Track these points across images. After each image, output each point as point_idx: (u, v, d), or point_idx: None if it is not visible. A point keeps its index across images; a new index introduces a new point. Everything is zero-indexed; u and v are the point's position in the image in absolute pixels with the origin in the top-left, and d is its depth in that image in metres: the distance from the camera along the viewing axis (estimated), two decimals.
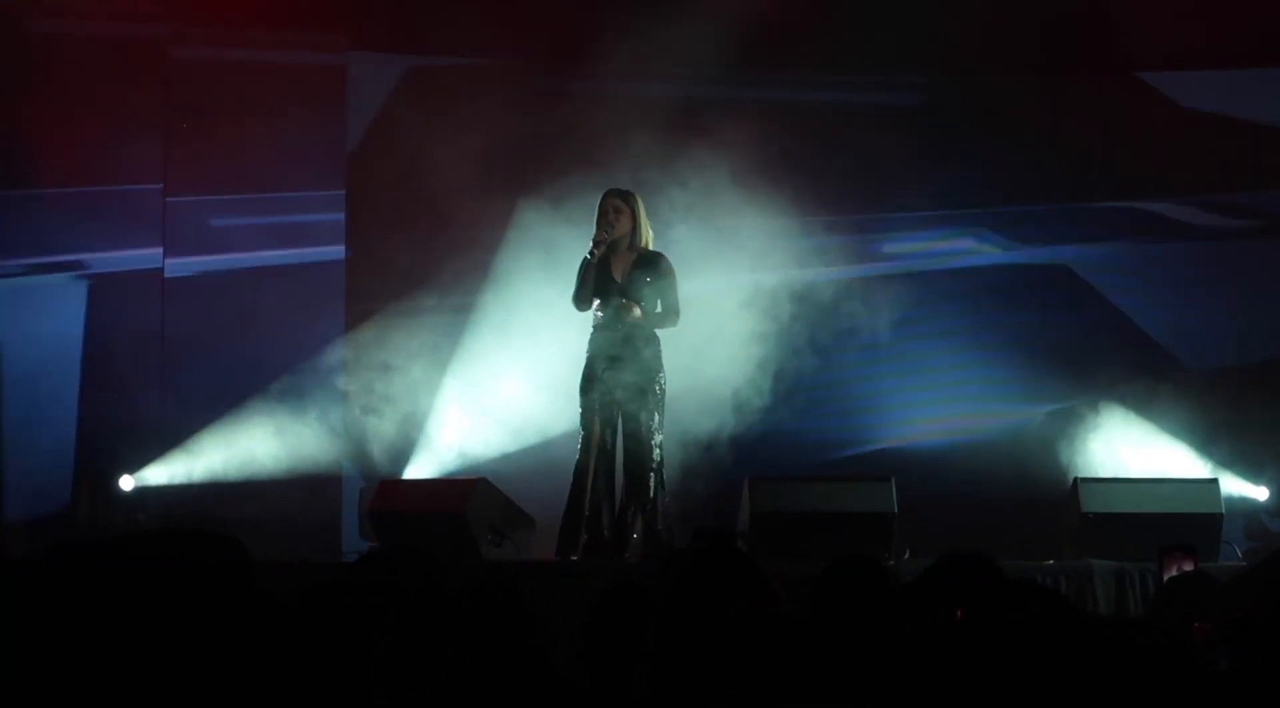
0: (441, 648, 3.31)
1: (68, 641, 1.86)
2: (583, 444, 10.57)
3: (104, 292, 13.48)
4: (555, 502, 11.00)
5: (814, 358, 12.78)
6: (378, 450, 13.08)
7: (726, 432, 12.36)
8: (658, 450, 10.55)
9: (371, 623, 3.13)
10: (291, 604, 2.42)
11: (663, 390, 10.58)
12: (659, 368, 10.55)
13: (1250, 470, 12.46)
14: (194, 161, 13.58)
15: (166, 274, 13.57)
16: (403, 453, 13.03)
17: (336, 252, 13.70)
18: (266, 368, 13.53)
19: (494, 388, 12.75)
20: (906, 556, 10.48)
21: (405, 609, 3.21)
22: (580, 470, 10.56)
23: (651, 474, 10.51)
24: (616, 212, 10.47)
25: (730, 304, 12.28)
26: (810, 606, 4.54)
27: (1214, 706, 2.22)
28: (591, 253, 10.39)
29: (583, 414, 10.58)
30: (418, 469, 12.89)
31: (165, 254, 13.62)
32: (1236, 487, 12.22)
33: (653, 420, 10.52)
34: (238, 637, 1.91)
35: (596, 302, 10.51)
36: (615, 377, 10.48)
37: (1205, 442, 12.59)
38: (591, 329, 10.60)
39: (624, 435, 10.56)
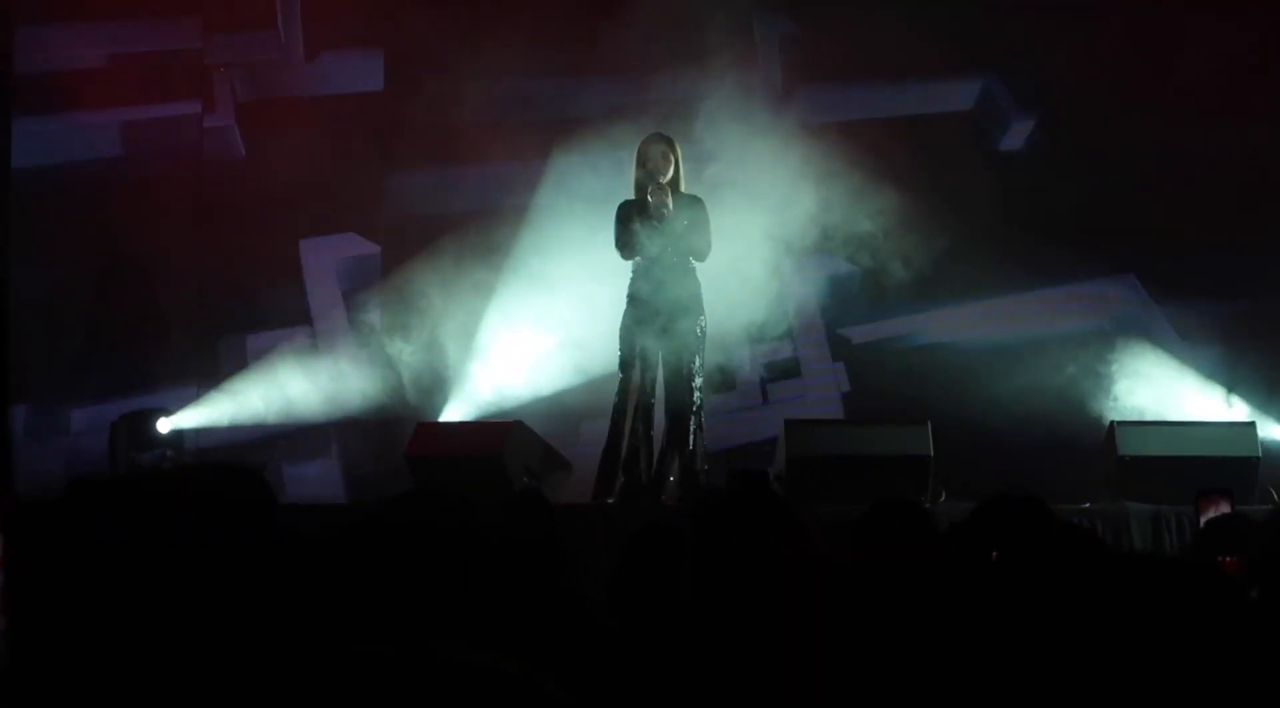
0: (471, 588, 3.30)
1: (85, 577, 1.86)
2: (621, 386, 10.58)
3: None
4: (592, 445, 11.01)
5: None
6: (414, 393, 13.09)
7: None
8: (698, 393, 10.55)
9: (397, 562, 3.12)
10: (317, 543, 2.42)
11: (704, 333, 10.59)
12: (700, 310, 10.55)
13: None
14: None
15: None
16: (440, 395, 13.04)
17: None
18: (303, 308, 13.58)
19: (532, 329, 12.74)
20: (943, 498, 10.47)
21: (433, 549, 3.20)
22: (619, 412, 10.56)
23: (692, 417, 10.52)
24: (664, 157, 10.47)
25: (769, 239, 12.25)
26: (851, 547, 4.53)
27: (1246, 635, 2.20)
28: (657, 198, 10.36)
29: (622, 356, 10.58)
30: (455, 411, 12.90)
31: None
32: (1274, 430, 12.16)
33: (694, 362, 10.53)
34: (259, 573, 1.90)
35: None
36: (657, 319, 10.47)
37: (1243, 384, 12.52)
38: (632, 272, 10.59)
39: (665, 378, 10.57)
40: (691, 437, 10.49)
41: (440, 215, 13.26)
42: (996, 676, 2.62)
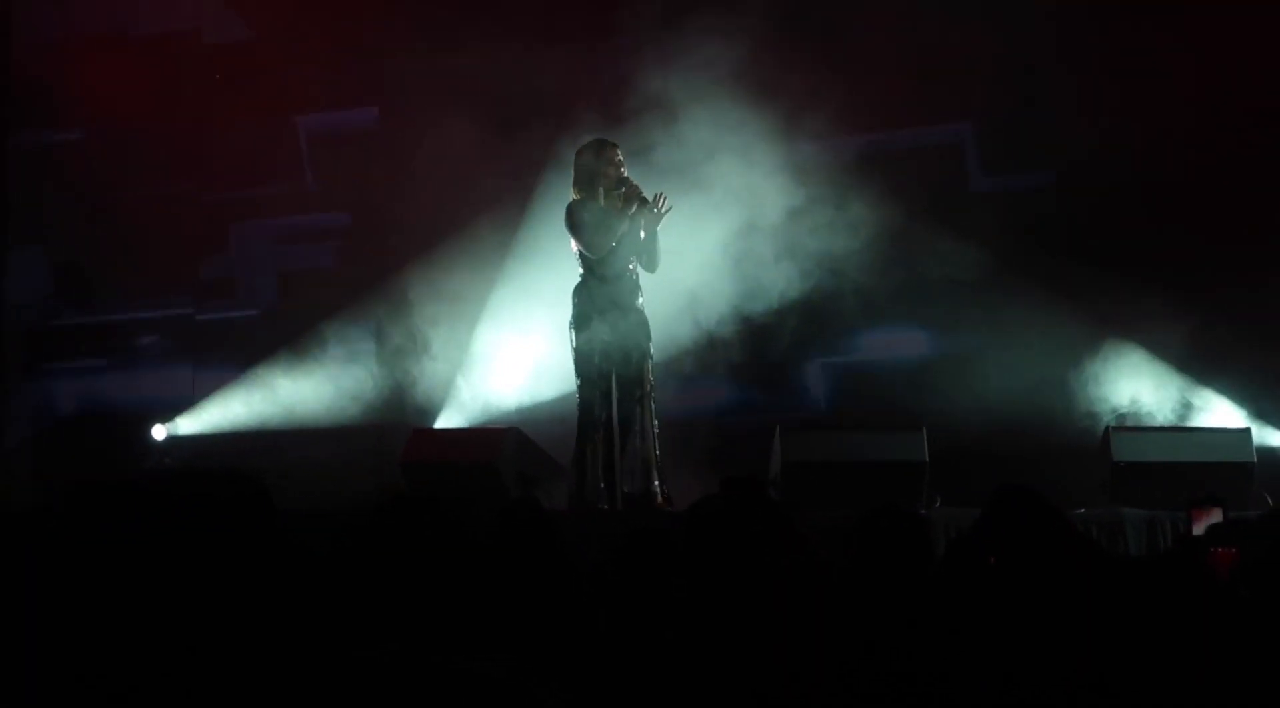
0: (465, 594, 3.30)
1: (81, 582, 1.86)
2: (585, 394, 10.58)
3: None
4: None
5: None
6: (411, 399, 13.10)
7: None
8: (651, 387, 10.59)
9: (392, 568, 3.13)
10: (312, 548, 2.42)
11: (650, 337, 10.65)
12: (647, 321, 10.63)
13: None
14: None
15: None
16: (437, 402, 13.05)
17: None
18: (299, 317, 13.59)
19: (527, 336, 12.74)
20: (938, 504, 10.47)
21: (428, 555, 3.20)
22: (586, 414, 10.58)
23: (641, 412, 10.55)
24: (621, 163, 10.54)
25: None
26: (846, 554, 4.53)
27: (1232, 632, 2.21)
28: (648, 200, 10.43)
29: (581, 362, 10.58)
30: (450, 418, 12.91)
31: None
32: (1270, 436, 12.17)
33: (648, 358, 10.58)
34: (256, 579, 1.91)
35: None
36: (614, 324, 10.51)
37: (1239, 389, 12.53)
38: (584, 276, 10.58)
39: (624, 374, 10.58)
40: (643, 442, 10.52)
41: (440, 220, 13.30)
42: (990, 679, 2.63)
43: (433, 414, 12.96)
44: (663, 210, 10.46)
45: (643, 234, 10.50)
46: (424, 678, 1.67)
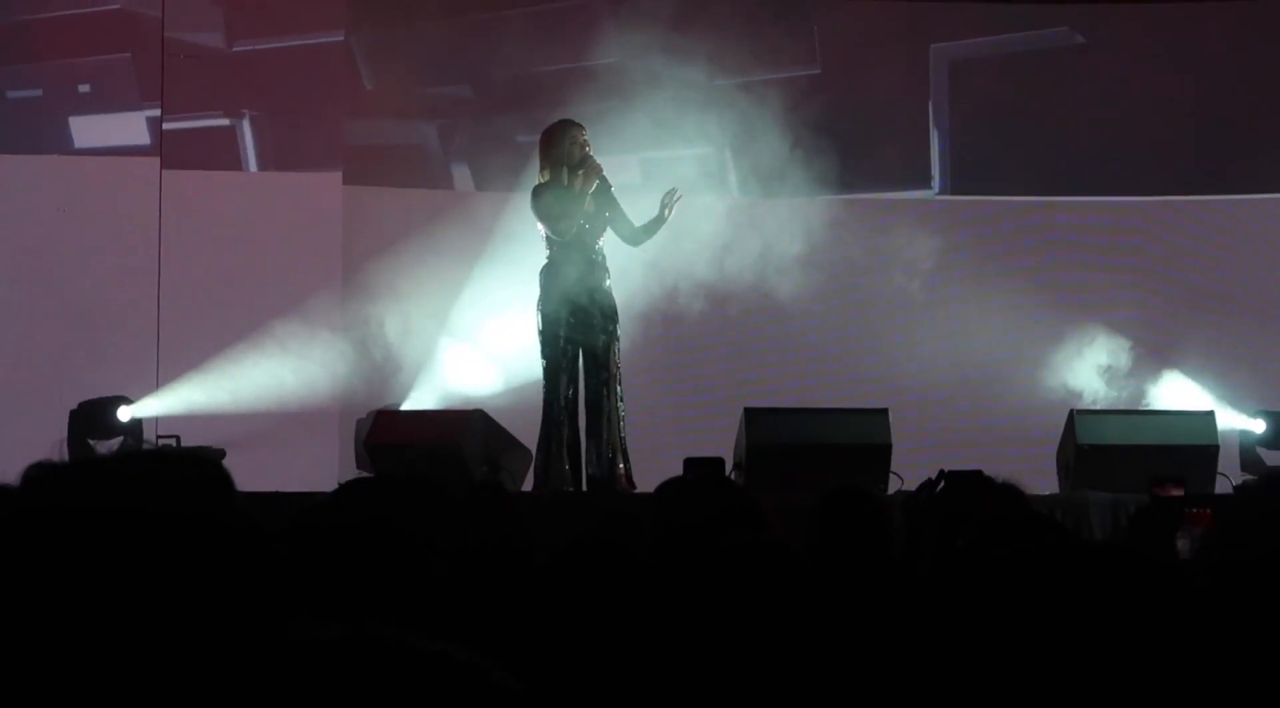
0: (428, 577, 3.30)
1: (36, 564, 1.85)
2: (550, 376, 10.59)
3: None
4: None
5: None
6: (376, 381, 13.10)
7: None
8: (617, 367, 10.61)
9: (353, 552, 3.13)
10: (273, 529, 2.41)
11: (616, 313, 10.67)
12: (613, 299, 10.64)
13: (1247, 401, 12.49)
14: None
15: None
16: (403, 384, 13.04)
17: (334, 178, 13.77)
18: (265, 298, 13.56)
19: (495, 319, 12.75)
20: (903, 486, 10.50)
21: (388, 535, 3.20)
22: (551, 396, 10.59)
23: (607, 400, 10.57)
24: (586, 143, 10.56)
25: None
26: (806, 536, 4.55)
27: (1194, 624, 2.22)
28: (608, 179, 10.49)
29: (546, 344, 10.59)
30: (416, 401, 12.90)
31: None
32: (1233, 419, 12.24)
33: (615, 340, 10.60)
34: (214, 557, 1.90)
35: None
36: (580, 305, 10.53)
37: (1205, 372, 12.60)
38: (550, 257, 10.58)
39: (590, 356, 10.60)
40: (608, 424, 10.53)
41: (410, 196, 13.30)
42: (951, 664, 2.62)
43: (399, 396, 12.95)
44: (671, 212, 10.48)
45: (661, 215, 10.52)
46: (379, 658, 1.67)
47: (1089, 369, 12.75)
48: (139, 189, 13.59)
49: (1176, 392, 12.61)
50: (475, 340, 12.95)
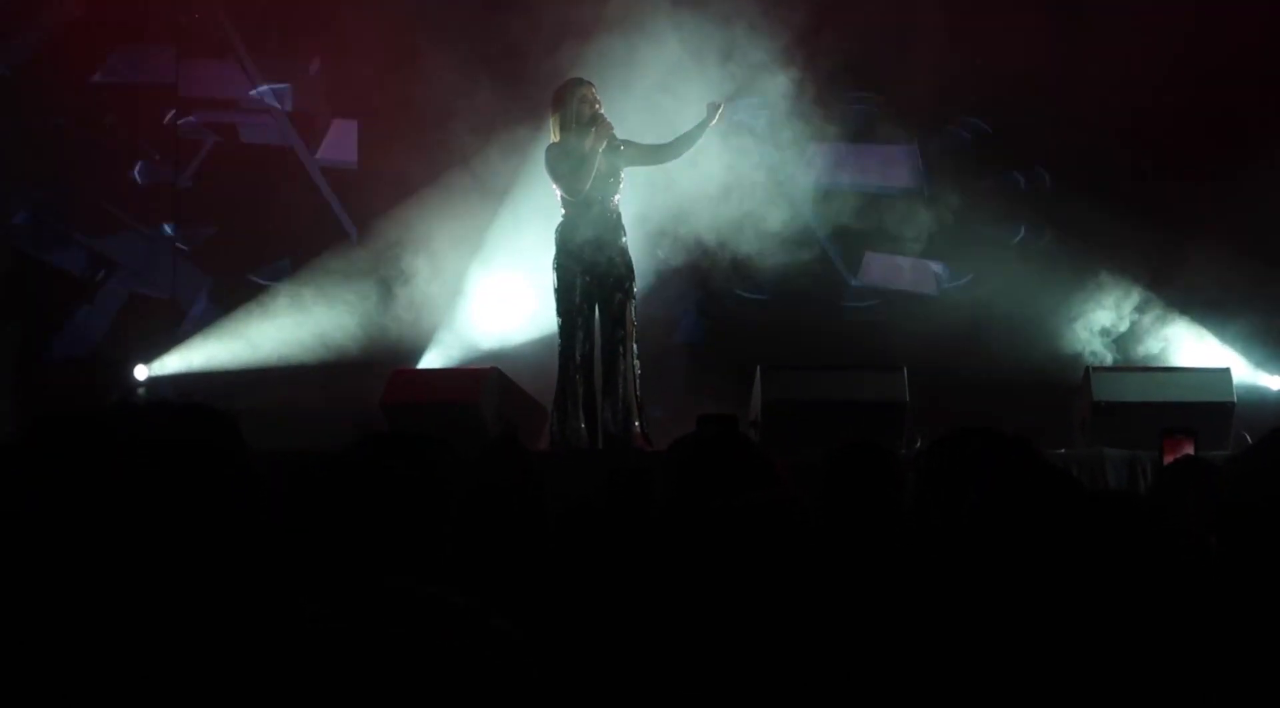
0: (444, 532, 3.30)
1: (47, 517, 1.86)
2: (565, 334, 10.61)
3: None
4: None
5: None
6: (396, 338, 13.10)
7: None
8: (633, 324, 10.62)
9: (367, 507, 3.13)
10: (288, 488, 2.42)
11: (631, 269, 10.66)
12: (628, 257, 10.64)
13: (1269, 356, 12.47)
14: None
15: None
16: (422, 340, 13.04)
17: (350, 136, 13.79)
18: (284, 255, 13.58)
19: (512, 276, 12.74)
20: (919, 443, 10.49)
21: (405, 493, 3.20)
22: (567, 354, 10.61)
23: (622, 359, 10.58)
24: (597, 100, 10.54)
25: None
26: (817, 492, 4.54)
27: (1203, 588, 2.22)
28: (617, 138, 10.50)
29: (562, 301, 10.61)
30: (435, 357, 12.91)
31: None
32: (1250, 375, 12.22)
33: (631, 298, 10.60)
34: (224, 516, 1.91)
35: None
36: (595, 262, 10.54)
37: (1224, 326, 12.57)
38: (566, 215, 10.60)
39: (605, 314, 10.61)
40: (623, 382, 10.55)
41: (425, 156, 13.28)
42: (961, 621, 2.64)
43: (416, 354, 12.95)
44: (717, 118, 10.56)
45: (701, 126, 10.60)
46: (382, 602, 1.68)
47: (1105, 324, 12.73)
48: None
49: (1195, 347, 12.59)
50: (492, 297, 12.93)
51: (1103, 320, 12.74)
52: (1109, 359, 12.45)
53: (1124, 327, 12.72)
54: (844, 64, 12.82)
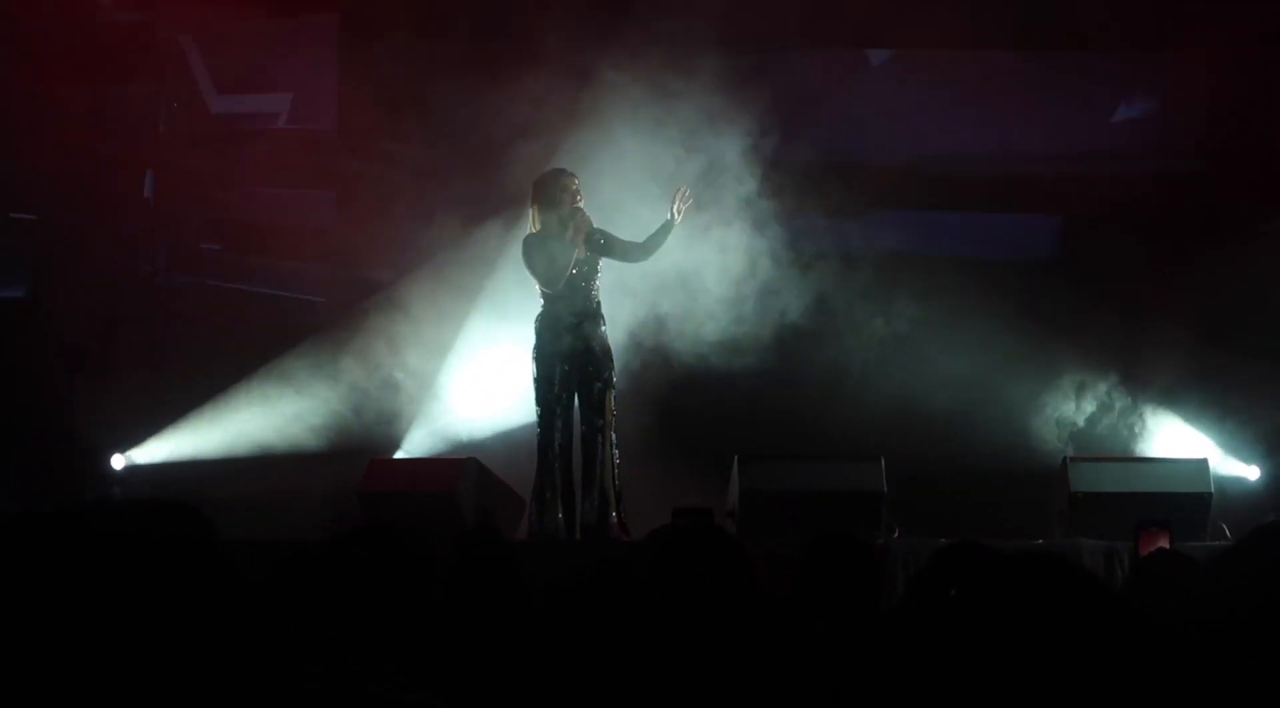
0: (423, 625, 3.29)
1: (13, 614, 1.85)
2: (544, 424, 10.60)
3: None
4: None
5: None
6: (374, 427, 13.07)
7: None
8: (612, 414, 10.62)
9: (343, 599, 3.12)
10: (259, 581, 2.41)
11: (611, 357, 10.68)
12: (606, 337, 10.66)
13: (1242, 449, 12.48)
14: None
15: None
16: (400, 430, 13.02)
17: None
18: (260, 344, 13.56)
19: (490, 366, 12.74)
20: (896, 535, 10.48)
21: (380, 585, 3.20)
22: (546, 444, 10.60)
23: (601, 447, 10.57)
24: (577, 192, 10.57)
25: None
26: (794, 583, 4.54)
27: (1177, 684, 2.22)
28: (595, 231, 10.52)
29: (541, 391, 10.61)
30: (413, 446, 12.88)
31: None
32: (1227, 466, 12.22)
33: (610, 387, 10.60)
34: (195, 612, 1.90)
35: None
36: (574, 353, 10.54)
37: (1199, 419, 12.59)
38: (545, 305, 10.62)
39: (585, 403, 10.61)
40: (602, 471, 10.54)
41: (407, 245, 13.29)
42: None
43: (394, 444, 12.93)
44: (680, 212, 10.54)
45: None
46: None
47: (1083, 413, 12.75)
48: None
49: (1173, 439, 12.61)
50: (470, 387, 12.93)
51: (1073, 411, 12.76)
52: (1071, 451, 12.45)
53: (1096, 416, 12.75)
54: (811, 143, 12.91)
